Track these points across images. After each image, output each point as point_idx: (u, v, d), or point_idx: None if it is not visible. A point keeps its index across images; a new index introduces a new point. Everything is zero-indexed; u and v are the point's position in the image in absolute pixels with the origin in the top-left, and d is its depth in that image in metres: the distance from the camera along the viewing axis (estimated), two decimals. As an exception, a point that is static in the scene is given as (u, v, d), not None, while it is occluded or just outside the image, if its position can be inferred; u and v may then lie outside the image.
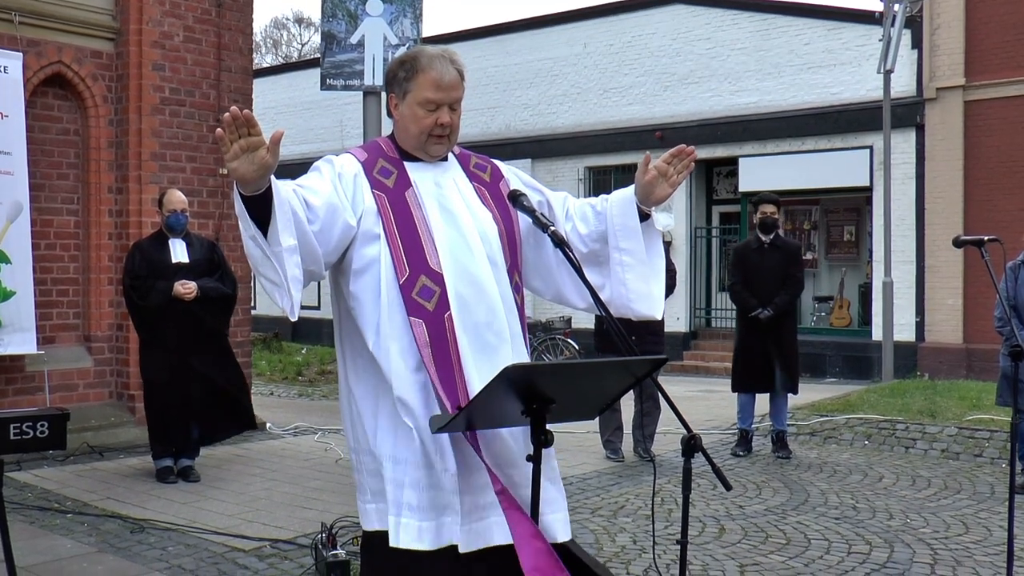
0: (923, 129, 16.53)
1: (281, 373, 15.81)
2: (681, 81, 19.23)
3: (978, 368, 15.06)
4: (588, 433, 8.65)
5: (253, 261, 2.56)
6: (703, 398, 12.47)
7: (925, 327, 16.50)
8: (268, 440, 8.89)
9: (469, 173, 2.94)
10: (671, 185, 2.92)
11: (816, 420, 9.73)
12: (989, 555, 5.60)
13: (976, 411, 9.59)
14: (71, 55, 8.32)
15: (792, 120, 17.84)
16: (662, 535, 5.94)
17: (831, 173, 17.57)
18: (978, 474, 7.89)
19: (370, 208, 2.74)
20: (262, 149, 2.41)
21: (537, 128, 21.10)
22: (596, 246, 2.99)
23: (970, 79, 16.05)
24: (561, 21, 21.13)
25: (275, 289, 2.56)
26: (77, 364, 8.42)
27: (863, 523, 6.30)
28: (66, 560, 5.19)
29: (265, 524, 5.90)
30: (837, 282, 18.75)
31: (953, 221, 15.85)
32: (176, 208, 7.04)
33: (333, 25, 7.62)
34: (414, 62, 2.82)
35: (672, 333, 16.56)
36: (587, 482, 7.42)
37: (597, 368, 2.79)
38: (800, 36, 18.00)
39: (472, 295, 2.72)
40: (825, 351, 17.48)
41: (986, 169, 15.88)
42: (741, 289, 8.59)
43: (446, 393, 2.63)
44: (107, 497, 6.52)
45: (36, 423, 6.68)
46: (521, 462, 2.67)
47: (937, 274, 16.25)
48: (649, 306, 2.98)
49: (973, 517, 6.50)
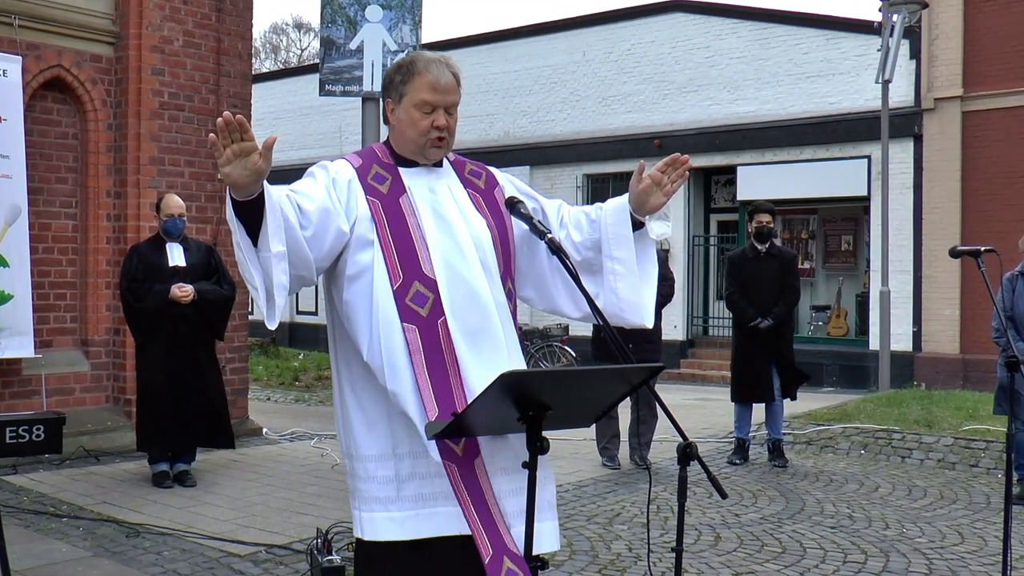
0: (921, 139, 16.57)
1: (278, 378, 15.79)
2: (680, 89, 19.26)
3: (975, 378, 15.06)
4: (584, 440, 8.65)
5: (240, 266, 2.57)
6: (700, 406, 12.47)
7: (922, 337, 16.51)
8: (264, 445, 8.88)
9: (464, 179, 2.94)
10: (665, 194, 2.91)
11: (812, 429, 9.73)
12: (985, 565, 5.60)
13: (972, 421, 9.59)
14: (70, 59, 8.33)
15: (790, 129, 17.88)
16: (658, 543, 5.93)
17: (829, 182, 17.61)
18: (974, 484, 7.90)
19: (364, 214, 2.74)
20: (255, 154, 2.41)
21: (536, 135, 21.13)
22: (590, 254, 2.98)
23: (968, 90, 16.08)
24: (560, 29, 21.17)
25: (259, 294, 2.56)
26: (74, 368, 8.41)
27: (859, 532, 6.30)
28: (61, 564, 5.17)
29: (261, 529, 5.89)
30: (834, 291, 18.76)
31: (951, 231, 15.87)
32: (173, 213, 7.04)
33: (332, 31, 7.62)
34: (410, 66, 2.82)
35: (669, 341, 16.57)
36: (583, 489, 7.42)
37: (594, 375, 2.78)
38: (799, 45, 18.04)
39: (466, 301, 2.72)
40: (822, 360, 17.48)
41: (984, 179, 15.91)
42: (739, 299, 8.59)
43: (439, 400, 2.63)
44: (103, 501, 6.51)
45: (32, 427, 6.72)
46: (514, 471, 2.69)
47: (934, 284, 16.27)
48: (640, 315, 2.97)
49: (969, 527, 6.50)
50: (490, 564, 2.59)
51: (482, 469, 2.68)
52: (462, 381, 2.66)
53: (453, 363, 2.67)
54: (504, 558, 2.61)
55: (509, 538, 2.65)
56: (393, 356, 2.67)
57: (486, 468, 2.69)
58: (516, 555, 2.63)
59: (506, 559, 2.61)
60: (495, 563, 2.60)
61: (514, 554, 2.63)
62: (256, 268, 2.53)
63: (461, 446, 2.66)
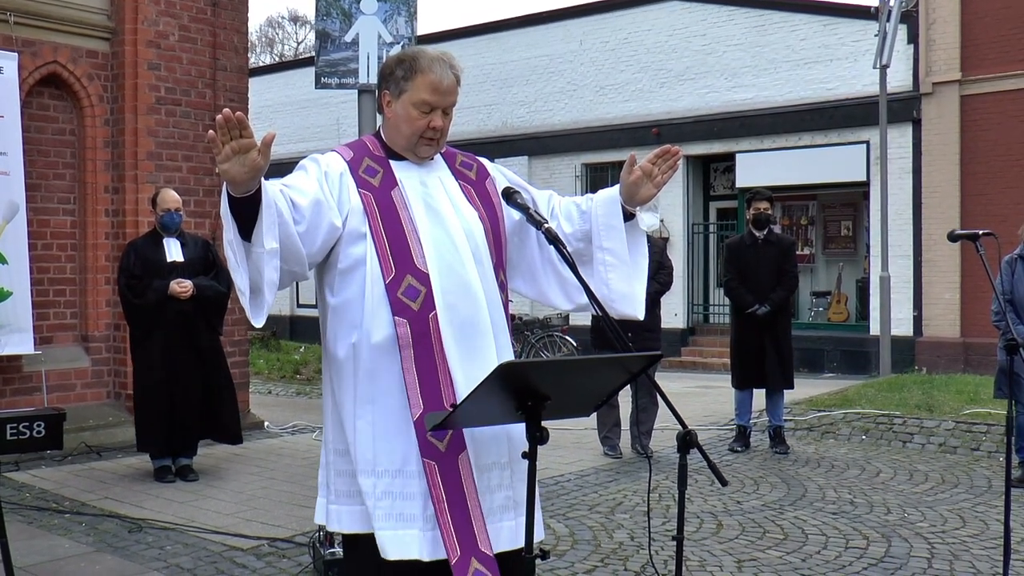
0: (919, 124, 16.54)
1: (279, 372, 15.81)
2: (677, 77, 19.23)
3: (975, 362, 15.07)
4: (586, 430, 8.65)
5: (229, 262, 2.57)
6: (701, 394, 12.48)
7: (922, 321, 16.51)
8: (266, 439, 8.89)
9: (455, 171, 2.93)
10: (656, 185, 2.90)
11: (813, 415, 9.74)
12: (986, 549, 5.61)
13: (973, 405, 9.60)
14: (67, 55, 8.31)
15: (788, 116, 17.85)
16: (659, 531, 5.94)
17: (828, 168, 17.59)
18: (975, 468, 7.90)
19: (356, 207, 2.73)
20: (253, 151, 2.41)
21: (533, 125, 21.10)
22: (580, 245, 2.96)
23: (966, 74, 16.06)
24: (557, 18, 21.12)
25: (244, 294, 2.56)
26: (74, 364, 8.42)
27: (860, 518, 6.31)
28: (64, 560, 5.19)
29: (263, 523, 5.91)
30: (834, 277, 18.76)
31: (950, 215, 15.86)
32: (170, 207, 7.03)
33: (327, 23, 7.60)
34: (413, 62, 2.79)
35: (669, 329, 16.57)
36: (585, 479, 7.43)
37: (592, 365, 2.79)
38: (796, 32, 18.01)
39: (458, 294, 2.71)
40: (823, 346, 17.49)
41: (982, 163, 15.89)
42: (737, 285, 8.60)
43: (424, 396, 2.64)
44: (105, 497, 6.52)
45: (33, 423, 6.74)
46: (500, 466, 2.71)
47: (934, 268, 16.27)
48: (631, 306, 2.96)
49: (970, 511, 6.51)
50: (457, 564, 2.59)
51: (466, 465, 2.67)
52: (450, 377, 2.66)
53: (441, 358, 2.66)
54: (472, 559, 2.61)
55: (483, 537, 2.64)
56: (382, 350, 2.67)
57: (471, 464, 2.67)
58: (486, 556, 2.62)
59: (474, 559, 2.61)
60: (462, 564, 2.60)
61: (484, 554, 2.62)
62: (244, 266, 2.53)
63: (445, 442, 2.65)
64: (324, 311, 2.85)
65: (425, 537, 2.64)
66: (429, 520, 2.65)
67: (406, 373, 2.65)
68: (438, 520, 2.62)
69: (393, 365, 2.67)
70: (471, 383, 2.47)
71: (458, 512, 2.63)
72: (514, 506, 2.75)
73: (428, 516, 2.65)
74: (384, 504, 2.66)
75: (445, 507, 2.62)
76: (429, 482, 2.63)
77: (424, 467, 2.64)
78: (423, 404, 2.63)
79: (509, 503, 2.75)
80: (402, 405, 2.66)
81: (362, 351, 2.70)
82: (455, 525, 2.62)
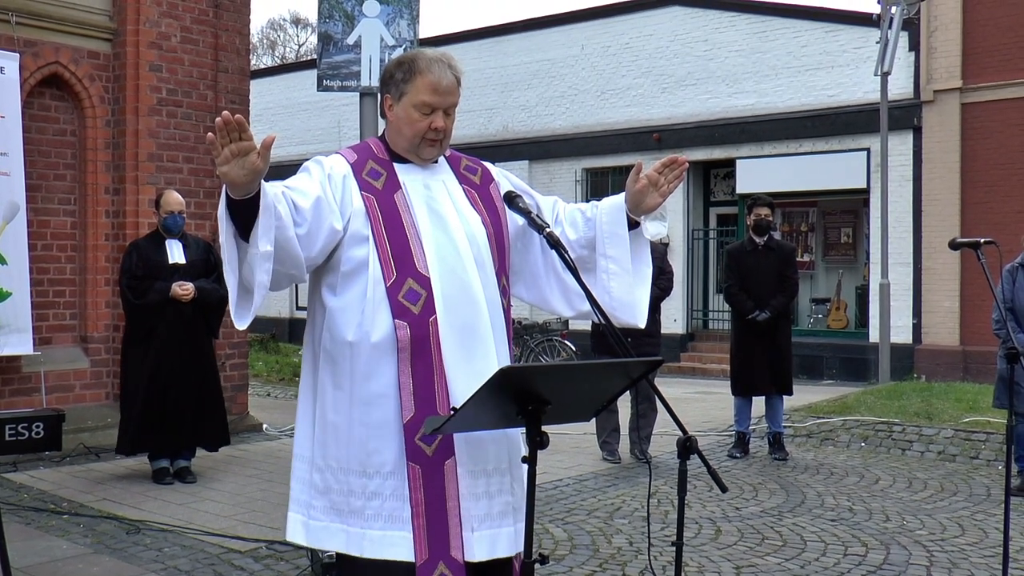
0: (920, 131, 16.55)
1: (278, 374, 15.79)
2: (679, 83, 19.24)
3: (975, 370, 15.06)
4: (585, 435, 8.65)
5: (224, 264, 2.56)
6: (700, 400, 12.47)
7: (922, 329, 16.51)
8: (264, 441, 8.89)
9: (459, 175, 2.92)
10: (661, 195, 2.90)
11: (813, 422, 9.73)
12: (985, 557, 5.60)
13: (972, 413, 9.59)
14: (68, 56, 8.31)
15: (789, 122, 17.86)
16: (658, 537, 5.94)
17: (828, 175, 17.60)
18: (974, 476, 7.90)
19: (359, 210, 2.73)
20: (253, 154, 2.40)
21: (534, 130, 21.11)
22: (584, 252, 2.96)
23: (967, 81, 16.07)
24: (559, 23, 21.14)
25: (232, 295, 2.56)
26: (73, 365, 8.40)
27: (859, 525, 6.30)
28: (62, 561, 5.18)
29: (261, 525, 5.89)
30: (834, 284, 18.76)
31: (950, 223, 15.87)
32: (174, 209, 7.03)
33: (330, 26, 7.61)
34: (412, 64, 2.79)
35: (669, 335, 16.57)
36: (584, 483, 7.42)
37: (593, 369, 2.78)
38: (797, 38, 18.02)
39: (458, 298, 2.71)
40: (822, 353, 17.50)
41: (983, 171, 15.90)
42: (737, 292, 8.61)
43: (417, 400, 2.64)
44: (103, 498, 6.51)
45: (32, 424, 6.69)
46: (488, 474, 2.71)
47: (934, 276, 16.27)
48: (632, 315, 2.95)
49: (969, 519, 6.51)
50: (423, 567, 2.61)
51: (452, 471, 2.66)
52: (445, 381, 2.66)
53: (438, 362, 2.66)
54: (440, 563, 2.62)
55: (457, 543, 2.65)
56: (380, 352, 2.67)
57: (457, 470, 2.67)
58: (455, 561, 2.63)
59: (441, 564, 2.62)
60: (428, 567, 2.61)
61: (453, 560, 2.63)
62: (235, 268, 2.53)
63: (433, 447, 2.65)
64: (319, 311, 2.81)
65: (414, 539, 2.65)
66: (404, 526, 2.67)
67: (401, 376, 2.65)
68: (413, 522, 2.63)
69: (390, 367, 2.67)
70: (468, 388, 2.47)
71: (435, 517, 2.64)
72: (513, 512, 2.75)
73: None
74: (374, 504, 2.67)
75: (422, 510, 2.63)
76: (410, 485, 2.64)
77: (408, 470, 2.64)
78: (415, 408, 2.64)
79: (508, 508, 2.74)
80: (396, 407, 2.66)
81: (360, 352, 2.69)
82: (428, 529, 2.63)
